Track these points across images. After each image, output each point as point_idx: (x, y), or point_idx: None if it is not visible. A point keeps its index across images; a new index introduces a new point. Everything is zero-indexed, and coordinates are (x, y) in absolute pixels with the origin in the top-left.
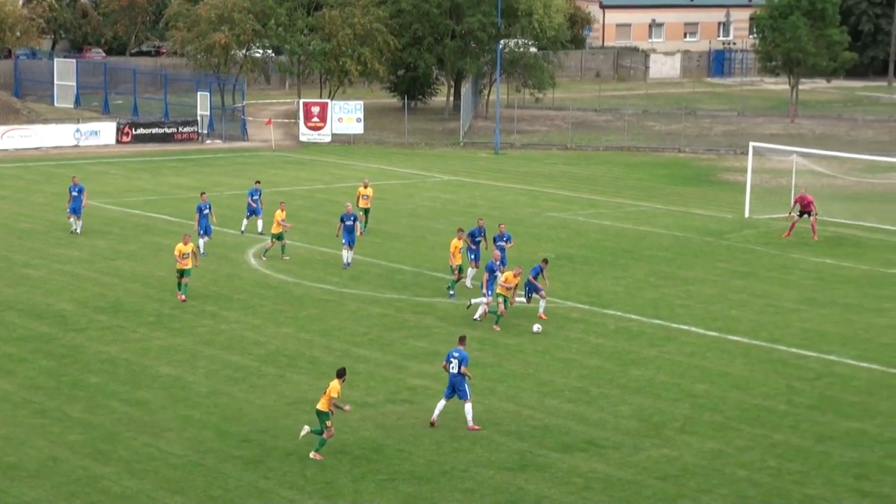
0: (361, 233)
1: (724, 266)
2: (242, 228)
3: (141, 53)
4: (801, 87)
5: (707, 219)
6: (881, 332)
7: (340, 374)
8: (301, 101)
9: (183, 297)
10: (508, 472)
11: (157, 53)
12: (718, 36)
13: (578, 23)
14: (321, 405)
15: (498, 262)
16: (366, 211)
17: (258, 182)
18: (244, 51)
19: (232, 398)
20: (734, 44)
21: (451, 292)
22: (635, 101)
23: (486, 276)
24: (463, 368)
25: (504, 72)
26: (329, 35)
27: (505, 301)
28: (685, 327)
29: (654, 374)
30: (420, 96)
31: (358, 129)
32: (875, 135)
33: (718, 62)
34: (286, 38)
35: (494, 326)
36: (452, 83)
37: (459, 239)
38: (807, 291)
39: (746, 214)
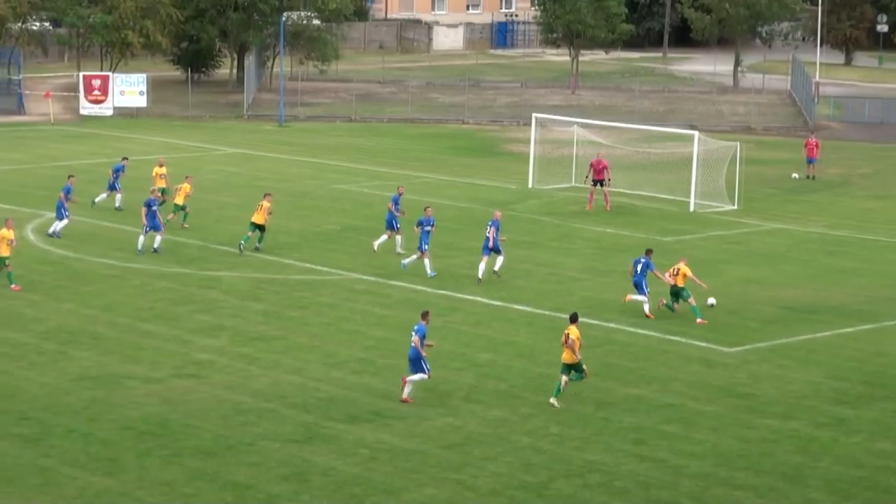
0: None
1: (509, 236)
2: (96, 200)
3: None
4: (581, 58)
5: (491, 189)
6: (657, 300)
7: (572, 318)
8: (81, 73)
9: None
10: (294, 444)
11: None
12: (501, 8)
13: None
14: (565, 357)
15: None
16: (163, 191)
17: (125, 158)
18: (20, 23)
19: (9, 376)
20: (516, 16)
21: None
22: (419, 73)
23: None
24: (414, 338)
25: (288, 44)
26: (111, 7)
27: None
28: (470, 297)
29: (440, 344)
30: (204, 69)
31: (141, 102)
32: (651, 105)
33: (501, 34)
34: (66, 10)
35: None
36: (236, 55)
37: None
38: (588, 260)
39: (530, 185)
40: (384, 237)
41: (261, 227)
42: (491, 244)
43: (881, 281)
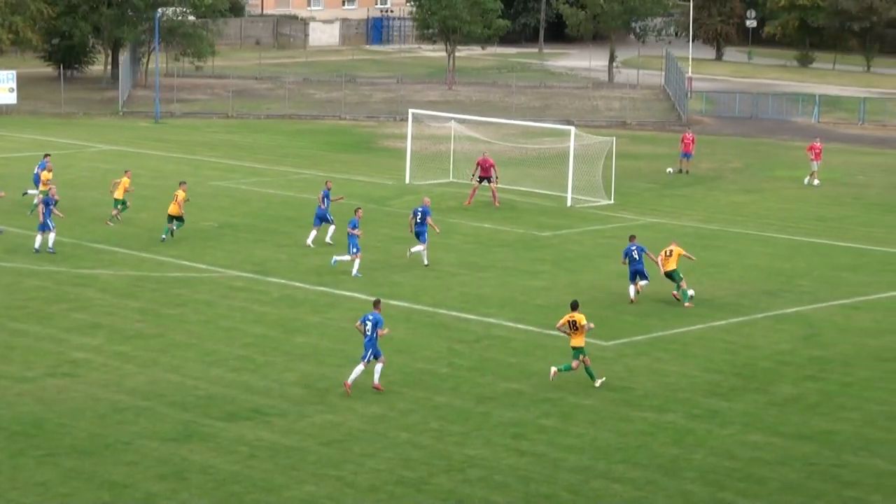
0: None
1: (387, 232)
2: (28, 191)
3: None
4: (457, 54)
5: (369, 185)
6: (536, 294)
7: (574, 306)
8: None
9: None
10: (173, 442)
11: None
12: (376, 4)
13: None
14: (577, 342)
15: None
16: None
17: (47, 155)
18: None
19: None
20: (392, 11)
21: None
22: (296, 69)
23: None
24: (379, 331)
25: (163, 40)
26: None
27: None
28: (349, 293)
29: (319, 341)
30: (77, 65)
31: (11, 99)
32: (527, 100)
33: (377, 30)
34: None
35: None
36: (110, 52)
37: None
38: (466, 255)
39: (407, 180)
40: (314, 233)
41: (178, 218)
42: (412, 230)
43: (751, 274)
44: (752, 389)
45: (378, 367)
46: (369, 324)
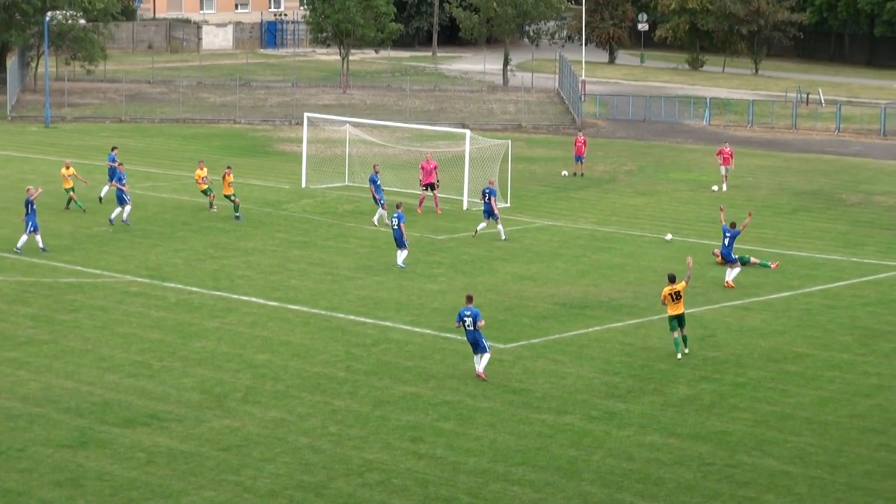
0: None
1: (283, 236)
2: (102, 194)
3: None
4: (351, 57)
5: (265, 189)
6: (433, 298)
7: (672, 279)
8: None
9: None
10: (68, 449)
11: None
12: (270, 7)
13: None
14: (679, 310)
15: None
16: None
17: (115, 148)
18: None
19: None
20: (285, 15)
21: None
22: (189, 73)
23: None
24: (480, 323)
25: (53, 44)
26: None
27: None
28: (246, 298)
29: (216, 346)
30: None
31: None
32: (422, 104)
33: (271, 33)
34: None
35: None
36: None
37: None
38: (363, 259)
39: (303, 184)
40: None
41: (228, 197)
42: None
43: (647, 276)
44: (649, 391)
45: (486, 357)
46: (468, 319)
